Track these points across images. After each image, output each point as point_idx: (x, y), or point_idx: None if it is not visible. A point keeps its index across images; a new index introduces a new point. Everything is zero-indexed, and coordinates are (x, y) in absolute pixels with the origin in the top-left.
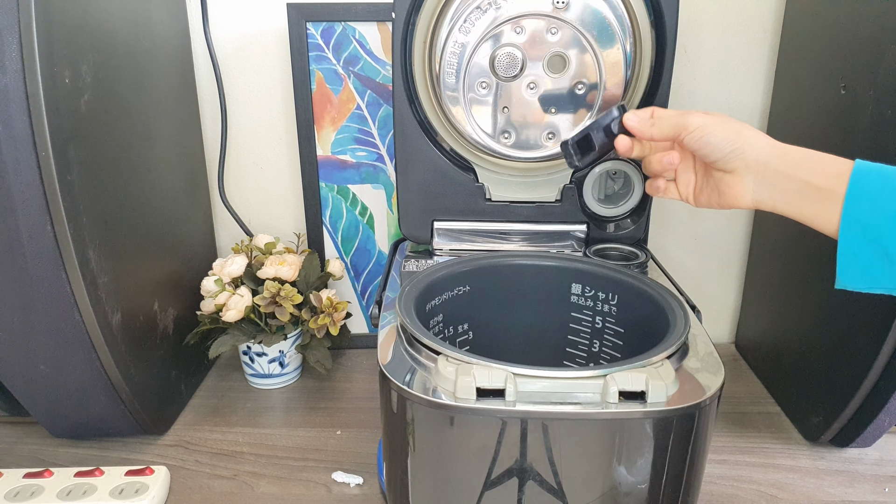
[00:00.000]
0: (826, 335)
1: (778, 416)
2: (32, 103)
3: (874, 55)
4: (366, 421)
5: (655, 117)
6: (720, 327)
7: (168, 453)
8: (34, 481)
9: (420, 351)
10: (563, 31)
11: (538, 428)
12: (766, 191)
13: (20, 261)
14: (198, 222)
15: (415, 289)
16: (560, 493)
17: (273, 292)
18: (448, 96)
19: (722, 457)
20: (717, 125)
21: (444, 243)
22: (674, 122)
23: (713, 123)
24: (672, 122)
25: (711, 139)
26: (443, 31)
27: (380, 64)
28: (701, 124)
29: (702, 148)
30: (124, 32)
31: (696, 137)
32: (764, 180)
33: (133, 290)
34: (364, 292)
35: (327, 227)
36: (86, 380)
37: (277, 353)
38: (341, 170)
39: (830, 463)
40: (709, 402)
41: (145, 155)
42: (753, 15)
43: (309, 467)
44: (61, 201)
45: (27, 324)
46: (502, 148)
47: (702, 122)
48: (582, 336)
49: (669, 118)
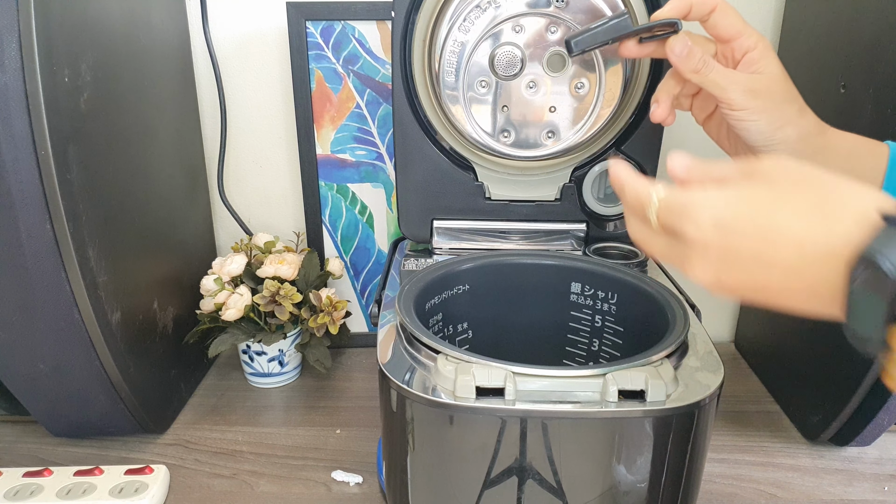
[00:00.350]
0: (826, 334)
1: (777, 415)
2: (32, 102)
3: (874, 54)
4: (365, 420)
5: (703, 65)
6: (720, 326)
7: (167, 452)
8: (34, 480)
9: (419, 350)
10: (562, 30)
11: (538, 427)
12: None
13: (19, 260)
14: (197, 221)
15: (414, 288)
16: (559, 492)
17: (272, 291)
18: (447, 95)
19: (721, 455)
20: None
21: (443, 242)
22: (718, 81)
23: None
24: (714, 82)
25: (754, 127)
26: (442, 29)
27: (379, 63)
28: (745, 107)
29: (741, 131)
30: (124, 31)
31: (737, 119)
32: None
33: (132, 289)
34: (363, 291)
35: (327, 226)
36: (85, 379)
37: (277, 352)
38: (341, 169)
39: (830, 462)
40: (708, 400)
41: (145, 154)
42: (753, 14)
43: (308, 466)
44: (60, 200)
45: (26, 323)
46: (502, 147)
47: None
48: (581, 335)
49: (717, 76)
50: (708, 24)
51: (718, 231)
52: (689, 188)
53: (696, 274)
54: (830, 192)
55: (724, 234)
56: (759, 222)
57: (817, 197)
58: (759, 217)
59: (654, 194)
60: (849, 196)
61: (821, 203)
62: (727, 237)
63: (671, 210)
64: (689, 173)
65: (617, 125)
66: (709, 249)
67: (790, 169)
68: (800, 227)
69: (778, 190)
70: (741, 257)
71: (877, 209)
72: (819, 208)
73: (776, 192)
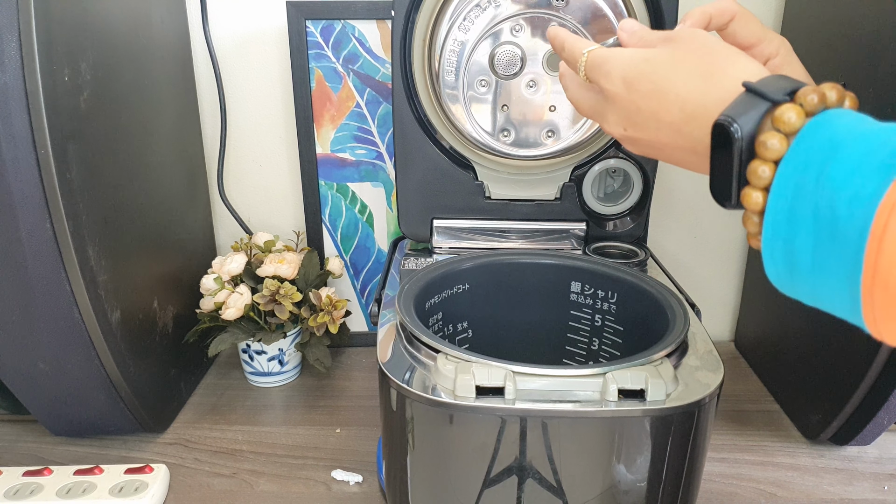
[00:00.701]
0: (825, 333)
1: (777, 414)
2: (32, 101)
3: (874, 53)
4: (365, 419)
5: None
6: (719, 325)
7: (167, 451)
8: (33, 479)
9: (419, 349)
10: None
11: (537, 426)
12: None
13: (19, 259)
14: (197, 220)
15: (414, 287)
16: (559, 491)
17: (272, 290)
18: (447, 94)
19: (721, 455)
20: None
21: (443, 241)
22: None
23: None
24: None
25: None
26: (442, 28)
27: (379, 62)
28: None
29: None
30: (124, 30)
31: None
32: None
33: (132, 288)
34: (363, 290)
35: (327, 226)
36: (85, 378)
37: (277, 352)
38: (341, 168)
39: (830, 461)
40: (708, 400)
41: (145, 153)
42: (753, 13)
43: (308, 465)
44: (60, 199)
45: (26, 322)
46: (502, 146)
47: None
48: (581, 334)
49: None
50: (726, 33)
51: (625, 86)
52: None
53: (609, 126)
54: (720, 60)
55: (629, 90)
56: (656, 81)
57: (708, 63)
58: (656, 76)
59: (586, 50)
60: (731, 65)
61: (709, 69)
62: (631, 93)
63: (594, 65)
64: (631, 38)
65: None
66: (617, 103)
67: (697, 37)
68: (685, 89)
69: (679, 53)
70: (641, 113)
71: (745, 78)
72: (705, 73)
73: (677, 55)
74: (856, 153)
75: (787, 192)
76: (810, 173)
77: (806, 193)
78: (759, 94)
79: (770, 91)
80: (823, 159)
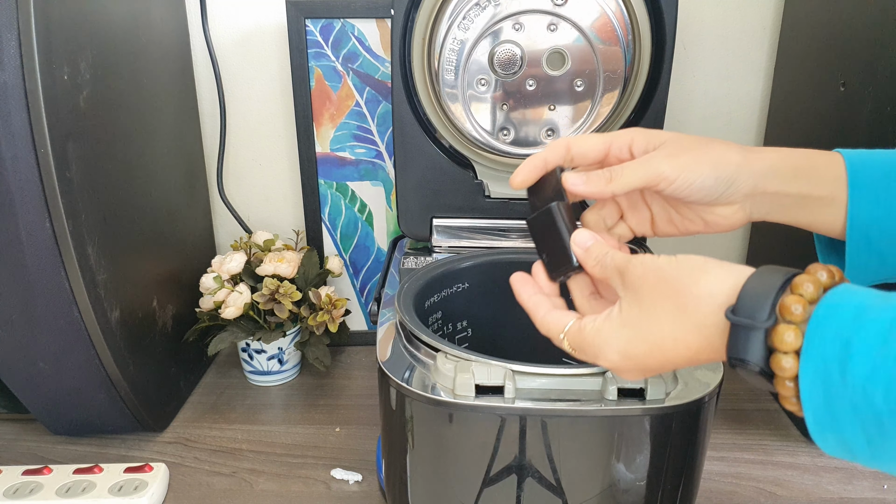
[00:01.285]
0: None
1: (777, 413)
2: (31, 100)
3: (873, 52)
4: (365, 418)
5: (611, 173)
6: None
7: (167, 450)
8: (33, 478)
9: (419, 348)
10: (562, 28)
11: (537, 425)
12: (762, 208)
13: (19, 258)
14: (197, 219)
15: (414, 286)
16: (559, 490)
17: (272, 289)
18: (447, 93)
19: (721, 454)
20: (697, 163)
21: (442, 240)
22: (637, 172)
23: (692, 163)
24: (635, 174)
25: (698, 182)
26: (442, 27)
27: (379, 61)
28: (680, 169)
29: (691, 195)
30: (123, 29)
31: (678, 187)
32: (760, 202)
33: (132, 287)
34: (363, 289)
35: (326, 224)
36: (85, 377)
37: (276, 350)
38: (340, 167)
39: (829, 460)
40: (708, 399)
41: (144, 152)
42: (753, 12)
43: (308, 464)
44: (60, 198)
45: (26, 321)
46: (501, 145)
47: (678, 166)
48: None
49: (632, 170)
50: (575, 161)
51: (626, 359)
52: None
53: (624, 377)
54: (683, 296)
55: (630, 358)
56: (648, 339)
57: (675, 303)
58: (646, 334)
59: (561, 335)
60: (693, 284)
61: (681, 308)
62: (633, 360)
63: (579, 347)
64: (587, 256)
65: (616, 123)
66: (626, 371)
67: (646, 268)
68: (680, 332)
69: (646, 301)
70: (651, 368)
71: (723, 305)
72: (681, 307)
73: (645, 304)
74: (870, 346)
75: (817, 391)
76: (833, 371)
77: (836, 391)
78: (747, 326)
79: (756, 315)
80: (841, 357)
